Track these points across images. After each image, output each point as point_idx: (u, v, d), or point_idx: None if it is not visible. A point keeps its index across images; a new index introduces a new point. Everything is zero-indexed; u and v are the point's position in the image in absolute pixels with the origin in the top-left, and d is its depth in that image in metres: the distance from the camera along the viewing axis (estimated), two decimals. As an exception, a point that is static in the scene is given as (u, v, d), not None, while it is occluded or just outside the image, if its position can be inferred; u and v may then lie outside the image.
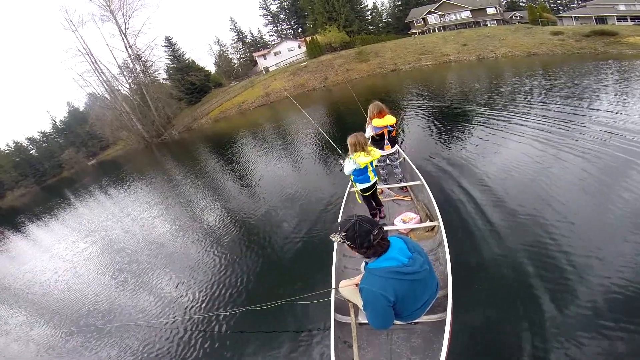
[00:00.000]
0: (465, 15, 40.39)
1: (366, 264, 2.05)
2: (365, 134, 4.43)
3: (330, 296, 2.76)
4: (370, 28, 48.11)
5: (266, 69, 44.19)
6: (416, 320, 2.27)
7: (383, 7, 54.16)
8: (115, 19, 34.80)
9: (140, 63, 37.79)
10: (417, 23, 44.34)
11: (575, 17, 33.58)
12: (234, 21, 56.90)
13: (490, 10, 39.67)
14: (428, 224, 3.73)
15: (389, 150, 4.80)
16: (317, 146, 10.21)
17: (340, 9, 40.20)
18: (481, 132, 7.60)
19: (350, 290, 2.39)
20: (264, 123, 20.11)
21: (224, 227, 6.49)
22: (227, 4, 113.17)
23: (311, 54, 38.14)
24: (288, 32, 55.31)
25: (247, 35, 56.96)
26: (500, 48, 25.48)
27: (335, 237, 1.99)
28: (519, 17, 40.63)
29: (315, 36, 39.11)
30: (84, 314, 5.26)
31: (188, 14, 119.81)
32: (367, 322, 2.10)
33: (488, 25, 37.43)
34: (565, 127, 6.75)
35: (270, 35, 56.92)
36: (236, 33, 55.89)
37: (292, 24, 55.24)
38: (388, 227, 3.82)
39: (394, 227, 3.88)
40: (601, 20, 30.51)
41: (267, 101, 32.06)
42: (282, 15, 54.88)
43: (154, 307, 4.67)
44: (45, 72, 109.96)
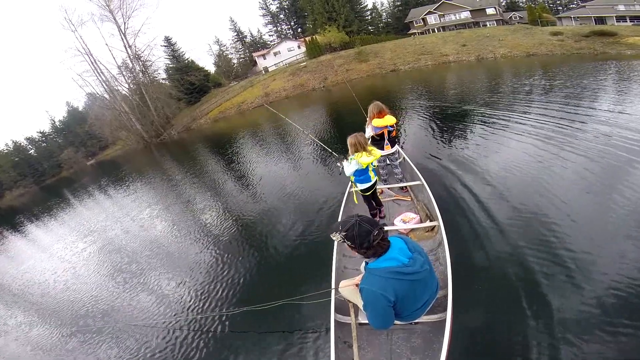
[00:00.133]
0: (464, 15, 40.45)
1: (366, 264, 2.05)
2: (365, 134, 4.43)
3: (330, 296, 2.76)
4: (369, 28, 48.12)
5: (266, 69, 44.15)
6: (416, 320, 2.27)
7: (383, 8, 54.30)
8: (114, 19, 34.84)
9: (140, 63, 37.78)
10: (416, 23, 44.38)
11: (574, 17, 33.65)
12: (233, 21, 56.91)
13: (490, 11, 39.74)
14: (428, 224, 3.73)
15: (389, 150, 4.80)
16: (316, 146, 10.19)
17: (340, 9, 40.21)
18: (481, 131, 7.60)
19: (350, 291, 2.39)
20: (263, 123, 20.10)
21: (223, 227, 6.47)
22: (226, 4, 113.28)
23: (311, 54, 38.15)
24: (288, 32, 55.31)
25: (246, 35, 56.98)
26: (499, 48, 25.52)
27: (336, 236, 1.99)
28: (519, 17, 40.70)
29: (314, 36, 39.10)
30: (83, 314, 5.24)
31: (187, 14, 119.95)
32: (367, 322, 2.10)
33: (487, 25, 37.49)
34: (565, 126, 6.76)
35: (269, 35, 57.02)
36: (236, 33, 55.89)
37: (292, 24, 55.24)
38: (388, 227, 3.82)
39: (394, 227, 3.88)
40: (600, 20, 30.57)
41: (266, 101, 31.97)
42: (281, 15, 54.89)
43: (153, 307, 4.66)
44: (44, 71, 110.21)
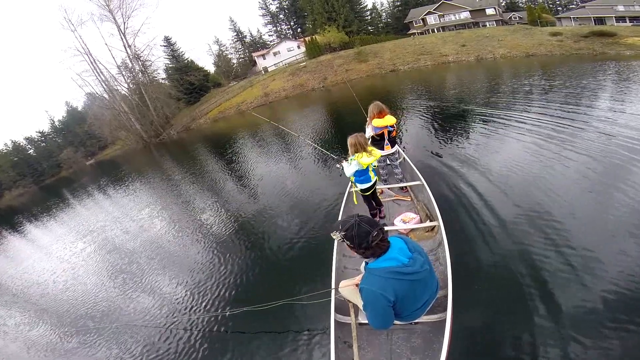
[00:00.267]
0: (464, 15, 40.47)
1: (366, 264, 2.05)
2: (366, 134, 4.43)
3: (330, 296, 2.76)
4: (369, 28, 48.14)
5: (265, 69, 44.10)
6: (416, 321, 2.27)
7: (382, 8, 54.36)
8: (114, 19, 34.78)
9: (139, 63, 37.72)
10: (416, 23, 44.41)
11: (574, 17, 33.69)
12: (233, 21, 56.94)
13: (490, 11, 39.78)
14: (428, 224, 3.73)
15: (389, 150, 4.80)
16: (316, 146, 10.18)
17: (339, 9, 40.21)
18: (481, 131, 7.61)
19: (350, 291, 2.38)
20: (263, 123, 20.06)
21: (223, 227, 6.47)
22: (226, 4, 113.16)
23: (310, 54, 38.13)
24: (287, 32, 55.30)
25: (246, 35, 56.94)
26: (499, 49, 25.53)
27: (336, 235, 1.99)
28: (518, 17, 40.76)
29: (314, 36, 39.08)
30: (83, 314, 5.24)
31: (187, 14, 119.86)
32: (367, 322, 2.10)
33: (487, 25, 37.52)
34: (566, 126, 6.77)
35: (269, 35, 57.00)
36: (235, 33, 55.85)
37: (292, 24, 55.23)
38: (388, 227, 3.82)
39: (394, 227, 3.88)
40: (600, 21, 30.61)
41: (266, 101, 32.04)
42: (281, 15, 54.87)
43: (153, 307, 4.66)
44: (43, 71, 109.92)
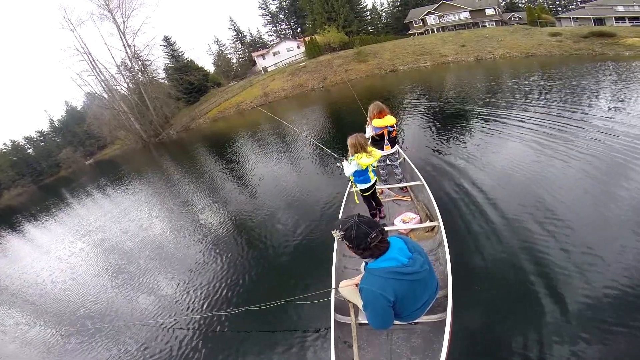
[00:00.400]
0: (464, 16, 40.51)
1: (366, 264, 2.05)
2: (366, 134, 4.43)
3: (330, 296, 2.76)
4: (369, 28, 48.20)
5: (265, 69, 44.08)
6: (416, 321, 2.27)
7: (382, 8, 54.43)
8: (114, 18, 34.77)
9: (139, 62, 37.70)
10: (416, 24, 44.44)
11: (573, 18, 33.73)
12: (233, 21, 56.79)
13: (489, 11, 39.82)
14: (428, 224, 3.73)
15: (389, 150, 4.79)
16: (316, 146, 10.18)
17: (339, 9, 40.24)
18: (481, 132, 7.61)
19: (350, 291, 2.38)
20: (262, 123, 20.07)
21: (223, 227, 6.46)
22: (226, 3, 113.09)
23: (310, 54, 38.13)
24: (287, 32, 55.30)
25: (246, 35, 56.93)
26: (498, 49, 25.56)
27: (336, 233, 2.00)
28: (518, 18, 40.81)
29: (314, 36, 39.09)
30: (82, 314, 5.23)
31: (187, 14, 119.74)
32: (367, 322, 2.10)
33: (487, 26, 37.57)
34: (566, 126, 6.78)
35: (269, 35, 57.00)
36: (235, 33, 55.82)
37: (291, 24, 55.23)
38: (388, 227, 3.82)
39: (394, 227, 3.88)
40: (599, 21, 30.65)
41: (265, 101, 32.02)
42: (281, 15, 54.88)
43: (153, 307, 4.65)
44: (43, 71, 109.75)
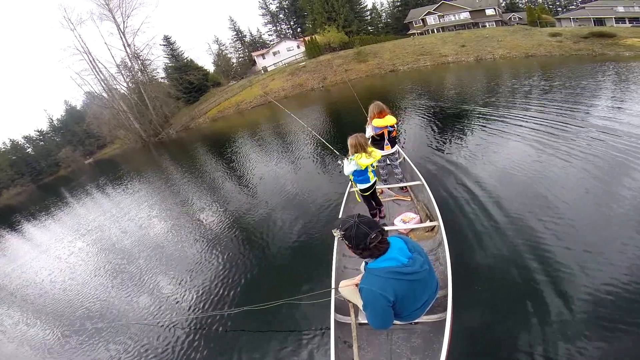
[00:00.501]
0: (464, 16, 40.54)
1: (366, 263, 2.05)
2: (366, 134, 4.43)
3: (330, 296, 2.76)
4: (369, 28, 48.22)
5: (265, 68, 44.07)
6: (416, 320, 2.27)
7: (382, 8, 54.50)
8: (113, 18, 34.79)
9: (139, 62, 37.71)
10: (416, 24, 44.46)
11: (573, 18, 33.77)
12: (233, 20, 56.85)
13: (489, 12, 39.85)
14: (428, 224, 3.73)
15: (389, 150, 4.79)
16: (316, 145, 10.19)
17: (339, 9, 40.25)
18: (481, 132, 7.61)
19: (350, 290, 2.38)
20: (262, 123, 20.08)
21: (223, 227, 6.45)
22: (226, 3, 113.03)
23: (310, 54, 38.14)
24: (287, 31, 55.30)
25: (246, 35, 56.94)
26: (498, 49, 25.57)
27: (337, 232, 2.00)
28: (518, 18, 40.84)
29: (314, 36, 39.09)
30: (82, 314, 5.21)
31: (187, 13, 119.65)
32: (367, 322, 2.10)
33: (487, 26, 37.60)
34: (566, 126, 6.78)
35: (269, 35, 57.01)
36: (235, 32, 55.84)
37: (291, 23, 55.23)
38: (388, 227, 3.82)
39: (394, 227, 3.88)
40: (599, 22, 30.70)
41: (265, 101, 32.00)
42: (281, 15, 54.89)
43: (153, 307, 4.64)
44: (42, 70, 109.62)
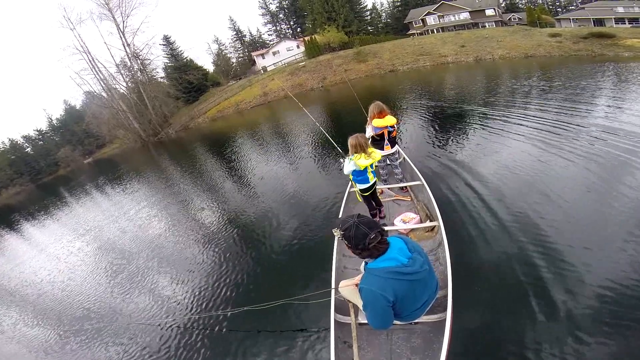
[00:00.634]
0: (464, 16, 40.57)
1: (366, 263, 2.05)
2: (366, 134, 4.43)
3: (330, 296, 2.76)
4: (369, 28, 48.21)
5: (264, 68, 44.06)
6: (416, 321, 2.27)
7: (382, 8, 54.53)
8: (113, 17, 34.72)
9: (138, 61, 37.65)
10: (416, 24, 44.48)
11: (573, 19, 33.82)
12: (232, 20, 56.71)
13: (489, 12, 39.89)
14: (428, 224, 3.73)
15: (389, 150, 4.79)
16: (316, 146, 10.19)
17: (339, 9, 40.25)
18: (481, 132, 7.62)
19: (350, 290, 2.38)
20: (262, 123, 20.07)
21: (223, 227, 6.44)
22: (226, 3, 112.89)
23: (310, 54, 38.13)
24: (287, 31, 55.28)
25: (245, 35, 56.91)
26: (498, 49, 25.60)
27: (337, 232, 2.01)
28: (518, 18, 40.88)
29: (314, 36, 39.09)
30: (81, 314, 5.20)
31: (187, 13, 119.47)
32: (367, 322, 2.10)
33: (486, 26, 37.65)
34: (565, 126, 6.79)
35: (269, 35, 56.98)
36: (235, 32, 55.82)
37: (291, 23, 55.21)
38: (388, 227, 3.82)
39: (394, 227, 3.88)
40: (599, 22, 30.75)
41: (265, 101, 32.02)
42: (281, 15, 54.87)
43: (152, 307, 4.63)
44: (42, 70, 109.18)
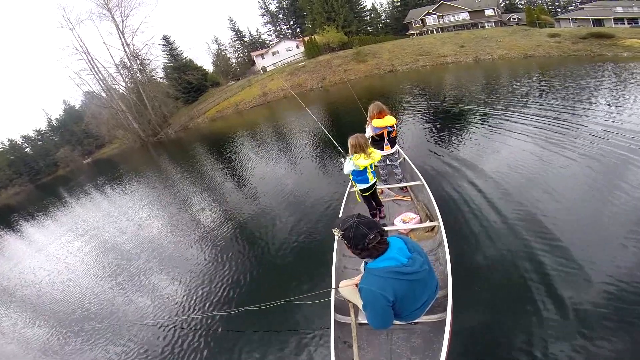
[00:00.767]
0: (463, 16, 40.59)
1: (366, 263, 2.05)
2: (365, 134, 4.43)
3: (330, 296, 2.76)
4: (368, 29, 48.18)
5: (264, 68, 44.05)
6: (416, 320, 2.27)
7: (382, 8, 54.47)
8: (113, 18, 34.71)
9: (137, 62, 37.63)
10: (415, 24, 44.49)
11: (572, 19, 33.84)
12: (232, 20, 56.65)
13: (489, 12, 39.92)
14: (428, 224, 3.73)
15: (389, 150, 4.79)
16: (316, 146, 10.19)
17: (339, 9, 40.23)
18: (481, 131, 7.63)
19: (350, 290, 2.38)
20: (261, 123, 20.06)
21: (222, 227, 6.44)
22: (226, 3, 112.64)
23: (309, 54, 38.13)
24: (286, 31, 55.26)
25: (245, 35, 56.87)
26: (497, 50, 25.62)
27: (337, 231, 2.01)
28: (517, 19, 40.89)
29: (313, 36, 39.09)
30: (82, 315, 5.20)
31: (186, 13, 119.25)
32: (367, 322, 2.10)
33: (486, 26, 37.67)
34: (565, 126, 6.80)
35: (268, 35, 56.93)
36: (234, 32, 55.77)
37: (291, 23, 55.19)
38: (388, 227, 3.82)
39: (394, 227, 3.88)
40: (598, 22, 30.78)
41: (264, 101, 32.01)
42: (280, 15, 54.84)
43: (152, 307, 4.63)
44: (41, 70, 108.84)
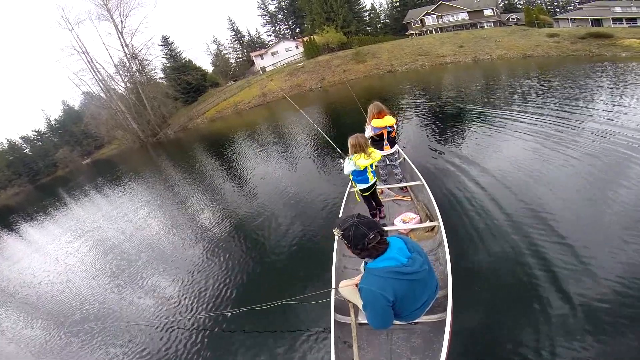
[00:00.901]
0: (462, 16, 40.64)
1: (366, 263, 2.05)
2: (365, 134, 4.43)
3: (330, 296, 2.76)
4: (367, 29, 48.20)
5: (263, 69, 44.06)
6: (416, 320, 2.27)
7: (381, 8, 54.46)
8: (112, 18, 34.71)
9: (137, 62, 37.64)
10: (414, 24, 44.54)
11: (571, 19, 33.93)
12: (231, 21, 56.53)
13: (487, 12, 39.97)
14: (428, 224, 3.73)
15: (389, 150, 4.80)
16: (316, 146, 10.19)
17: (338, 9, 40.24)
18: (481, 131, 7.64)
19: (350, 290, 2.38)
20: (261, 123, 20.06)
21: (222, 227, 6.44)
22: (225, 3, 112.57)
23: (308, 55, 38.15)
24: (286, 32, 55.26)
25: (244, 35, 56.84)
26: (496, 50, 25.67)
27: (337, 231, 2.01)
28: (516, 19, 40.97)
29: (312, 36, 39.12)
30: (81, 315, 5.19)
31: (186, 13, 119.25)
32: (367, 322, 2.10)
33: (485, 27, 37.73)
34: (564, 126, 6.82)
35: (267, 35, 56.89)
36: (234, 33, 55.71)
37: (290, 24, 55.18)
38: (388, 227, 3.82)
39: (394, 227, 3.88)
40: (597, 22, 30.86)
41: (263, 101, 32.00)
42: (280, 15, 54.81)
43: (152, 307, 4.63)
44: (40, 70, 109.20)
